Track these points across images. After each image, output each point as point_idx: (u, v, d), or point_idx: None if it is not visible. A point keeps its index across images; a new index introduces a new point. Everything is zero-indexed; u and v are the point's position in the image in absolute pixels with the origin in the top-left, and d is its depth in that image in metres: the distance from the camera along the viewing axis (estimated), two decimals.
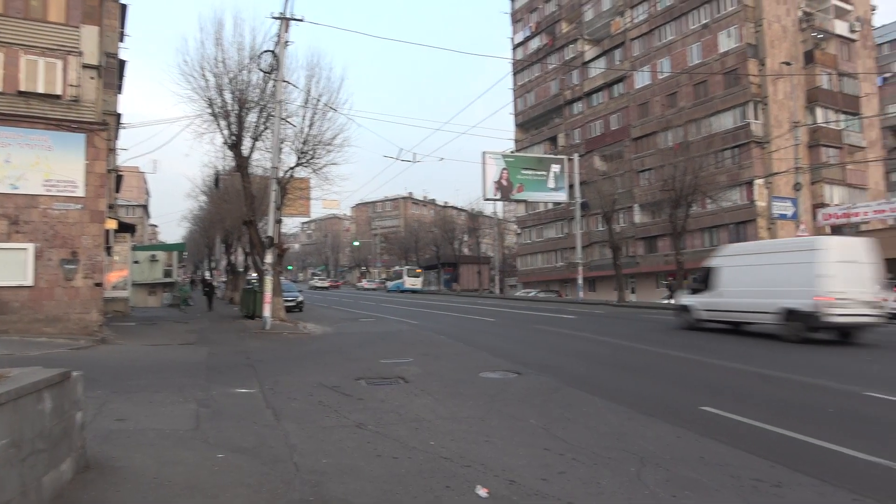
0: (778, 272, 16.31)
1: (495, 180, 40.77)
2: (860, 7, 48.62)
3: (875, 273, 15.74)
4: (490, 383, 9.65)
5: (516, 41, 66.10)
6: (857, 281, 15.23)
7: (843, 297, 14.93)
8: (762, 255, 17.57)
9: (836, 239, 18.72)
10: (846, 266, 15.28)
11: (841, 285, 15.02)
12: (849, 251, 15.76)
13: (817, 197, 43.13)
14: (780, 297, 15.90)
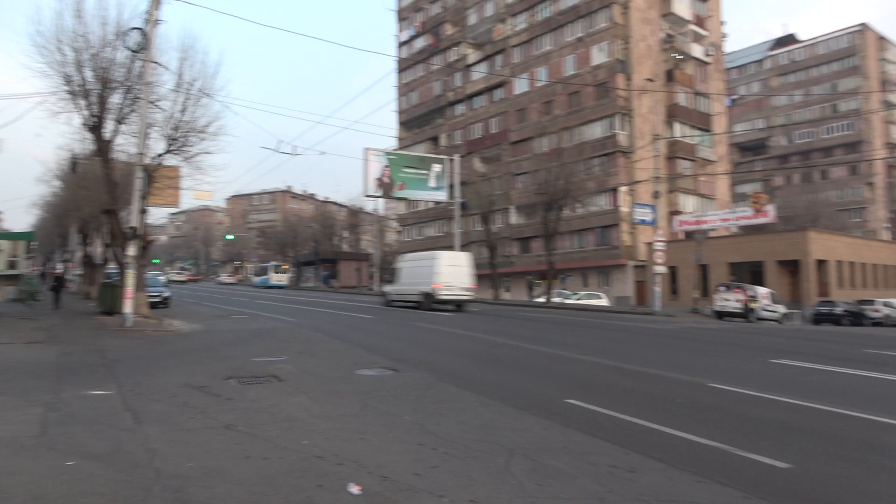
0: (421, 271, 27.39)
1: (377, 177, 40.61)
2: (713, 34, 53.38)
3: (469, 272, 27.45)
4: (366, 380, 9.62)
5: (402, 39, 66.30)
6: (457, 276, 26.68)
7: (448, 285, 26.43)
8: (415, 261, 29.04)
9: (446, 252, 29.21)
10: (451, 268, 26.71)
11: (447, 279, 26.36)
12: (453, 259, 27.55)
13: (673, 205, 46.86)
14: (421, 285, 26.96)
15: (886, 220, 72.13)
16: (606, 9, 46.27)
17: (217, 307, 28.42)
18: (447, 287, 26.24)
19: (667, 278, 37.97)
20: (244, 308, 27.45)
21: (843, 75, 76.57)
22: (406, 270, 28.72)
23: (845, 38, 77.15)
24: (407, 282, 28.14)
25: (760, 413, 8.03)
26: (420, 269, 27.47)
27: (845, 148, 75.01)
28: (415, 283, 27.32)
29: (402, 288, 28.53)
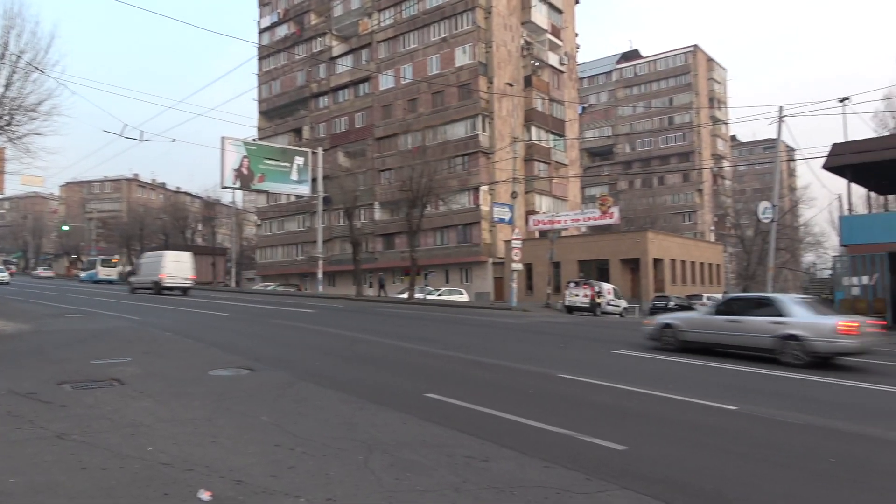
0: (153, 266, 33.82)
1: (235, 168, 38.81)
2: (568, 44, 56.63)
3: (190, 266, 34.21)
4: (220, 381, 9.19)
5: (263, 25, 63.78)
6: (179, 270, 33.42)
7: (171, 276, 32.93)
8: (150, 258, 35.70)
9: (171, 252, 36.03)
10: (174, 263, 33.46)
11: (170, 271, 32.98)
12: (177, 257, 34.33)
13: (530, 205, 49.20)
14: (153, 275, 33.25)
15: (712, 223, 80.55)
16: (470, 12, 47.52)
17: (49, 305, 25.75)
18: (171, 277, 33.22)
19: (523, 275, 39.82)
20: (81, 306, 25.09)
21: (678, 91, 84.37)
22: (144, 265, 35.62)
23: (680, 57, 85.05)
24: (145, 273, 34.73)
25: (603, 400, 8.68)
26: (153, 264, 34.26)
27: (679, 157, 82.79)
28: (149, 275, 33.94)
29: (142, 278, 34.90)
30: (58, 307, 24.35)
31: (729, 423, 7.53)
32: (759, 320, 13.07)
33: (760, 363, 12.52)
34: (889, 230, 24.90)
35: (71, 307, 24.23)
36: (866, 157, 25.51)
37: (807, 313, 12.76)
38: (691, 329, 14.17)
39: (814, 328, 12.34)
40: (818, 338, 12.19)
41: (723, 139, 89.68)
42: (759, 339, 12.94)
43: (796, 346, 12.35)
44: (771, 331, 12.71)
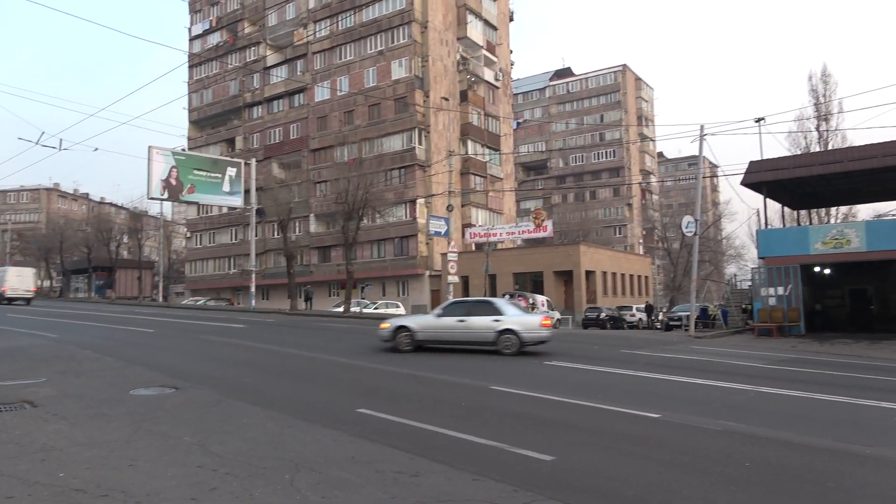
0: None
1: (163, 178, 37.49)
2: (502, 60, 57.71)
3: (31, 280, 41.10)
4: (141, 401, 8.83)
5: (194, 32, 62.15)
6: (21, 283, 39.52)
7: (14, 288, 38.61)
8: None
9: (13, 268, 42.54)
10: (16, 277, 39.55)
11: (12, 284, 38.75)
12: (19, 272, 40.70)
13: (466, 218, 49.62)
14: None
15: (641, 237, 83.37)
16: (406, 26, 47.78)
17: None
18: (13, 289, 38.54)
19: (459, 288, 39.99)
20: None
21: (608, 108, 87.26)
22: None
23: (610, 75, 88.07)
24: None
25: (532, 411, 8.82)
26: None
27: (610, 172, 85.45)
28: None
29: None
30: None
31: (652, 431, 7.77)
32: (481, 319, 15.27)
33: (680, 372, 13.02)
34: (801, 244, 26.42)
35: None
36: (780, 175, 27.06)
37: (517, 312, 15.72)
38: (423, 330, 15.67)
39: (524, 323, 15.13)
40: (527, 331, 14.98)
41: (651, 155, 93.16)
42: (483, 335, 15.18)
43: (512, 338, 14.87)
44: (492, 327, 15.04)
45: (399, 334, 15.67)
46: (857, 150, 27.69)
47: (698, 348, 19.72)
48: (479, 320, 15.26)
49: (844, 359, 17.73)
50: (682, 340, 22.86)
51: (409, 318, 17.75)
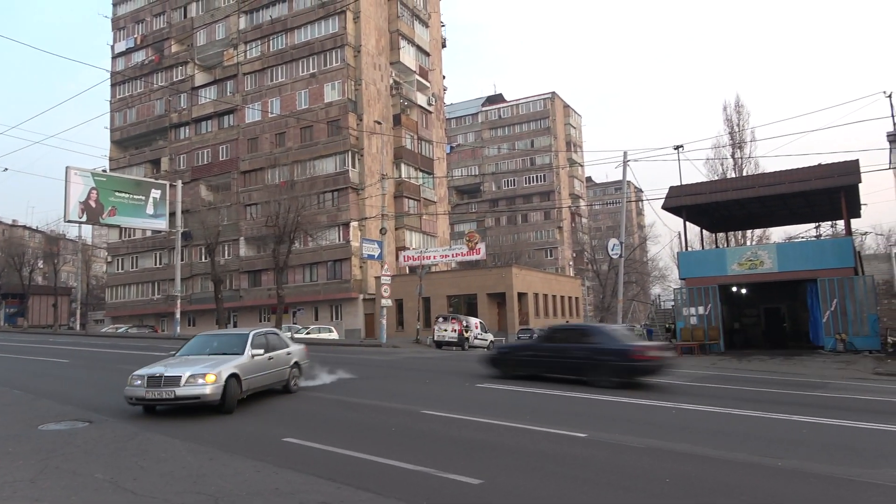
0: None
1: (81, 201, 35.80)
2: (435, 85, 58.44)
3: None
4: (50, 436, 8.31)
5: (117, 50, 60.05)
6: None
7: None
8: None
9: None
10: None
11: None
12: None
13: (400, 241, 49.58)
14: None
15: (571, 259, 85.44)
16: (339, 49, 47.77)
17: None
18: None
19: (393, 311, 39.85)
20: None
21: (538, 134, 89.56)
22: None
23: (540, 102, 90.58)
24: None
25: (463, 434, 8.82)
26: None
27: (541, 196, 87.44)
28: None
29: None
30: None
31: (579, 451, 7.91)
32: None
33: (606, 392, 13.32)
34: (719, 265, 27.71)
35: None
36: (698, 199, 28.38)
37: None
38: None
39: None
40: None
41: (579, 180, 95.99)
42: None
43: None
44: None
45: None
46: (769, 177, 29.41)
47: None
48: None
49: (760, 374, 18.61)
50: None
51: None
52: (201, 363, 10.32)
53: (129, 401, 9.81)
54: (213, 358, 10.79)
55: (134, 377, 9.86)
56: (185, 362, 10.54)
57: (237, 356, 10.85)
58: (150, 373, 9.83)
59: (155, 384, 9.60)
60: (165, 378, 9.64)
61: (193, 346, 11.91)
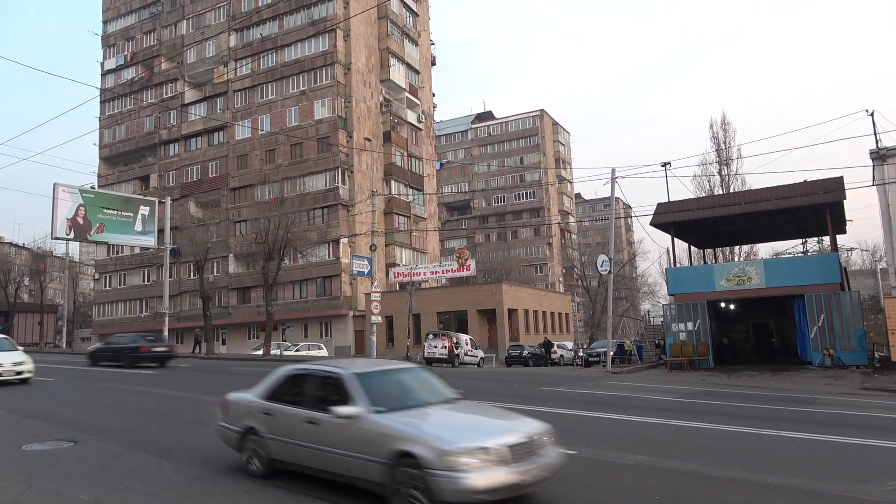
0: None
1: (69, 217, 35.60)
2: (425, 103, 58.80)
3: None
4: (34, 457, 8.20)
5: (107, 67, 60.05)
6: None
7: None
8: None
9: None
10: None
11: None
12: None
13: (390, 257, 49.56)
14: None
15: (561, 275, 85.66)
16: (329, 67, 48.02)
17: None
18: None
19: (383, 328, 39.71)
20: None
21: (528, 151, 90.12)
22: None
23: (529, 119, 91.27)
24: None
25: None
26: None
27: (530, 212, 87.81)
28: None
29: None
30: None
31: (569, 469, 7.84)
32: None
33: (591, 409, 13.31)
34: (707, 281, 27.86)
35: None
36: (686, 216, 28.59)
37: None
38: None
39: None
40: None
41: (569, 196, 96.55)
42: None
43: None
44: None
45: None
46: (755, 193, 29.69)
47: (615, 384, 20.27)
48: None
49: (749, 390, 18.66)
50: (599, 376, 23.45)
51: None
52: (494, 424, 6.45)
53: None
54: (488, 413, 7.09)
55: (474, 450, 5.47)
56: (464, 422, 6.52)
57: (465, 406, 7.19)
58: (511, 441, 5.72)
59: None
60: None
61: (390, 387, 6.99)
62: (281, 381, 7.43)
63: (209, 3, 54.52)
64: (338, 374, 6.78)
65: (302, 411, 6.72)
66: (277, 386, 7.39)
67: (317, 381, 7.04)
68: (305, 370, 7.37)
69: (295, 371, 7.48)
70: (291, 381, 7.34)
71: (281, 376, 7.49)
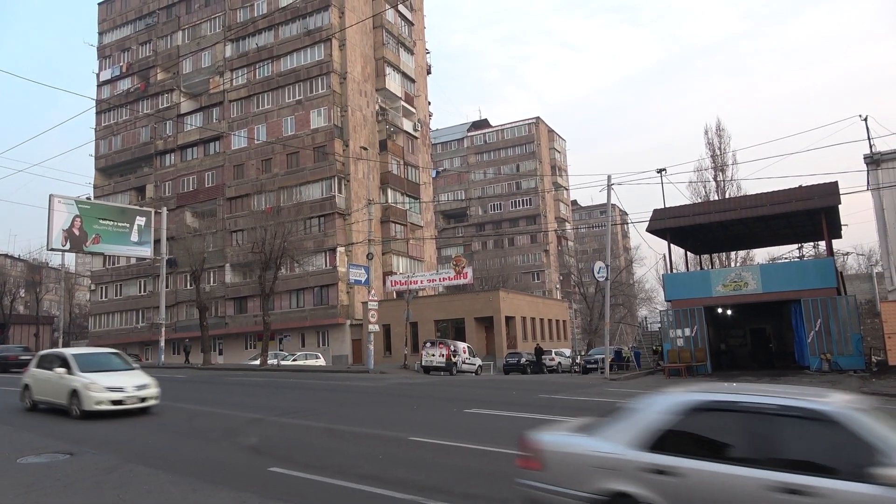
0: None
1: (65, 228, 35.57)
2: (421, 111, 58.95)
3: None
4: (30, 470, 8.14)
5: (102, 78, 60.11)
6: None
7: None
8: None
9: None
10: None
11: None
12: None
13: (387, 266, 49.52)
14: None
15: (558, 282, 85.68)
16: (325, 76, 48.13)
17: None
18: None
19: (380, 336, 39.64)
20: None
21: (524, 158, 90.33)
22: None
23: (524, 127, 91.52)
24: None
25: (454, 461, 8.73)
26: None
27: (527, 220, 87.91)
28: None
29: None
30: None
31: None
32: None
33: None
34: (704, 286, 27.90)
35: None
36: (682, 222, 28.67)
37: None
38: None
39: None
40: None
41: (565, 203, 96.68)
42: None
43: None
44: None
45: None
46: (750, 199, 29.79)
47: (613, 390, 20.23)
48: None
49: None
50: (598, 383, 23.42)
51: None
52: None
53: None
54: None
55: None
56: None
57: None
58: None
59: None
60: None
61: None
62: (681, 416, 4.79)
63: (205, 13, 54.68)
64: (830, 412, 4.31)
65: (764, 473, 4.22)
66: (675, 424, 4.77)
67: (781, 423, 4.43)
68: (742, 403, 4.63)
69: (714, 402, 4.81)
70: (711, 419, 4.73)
71: (681, 408, 4.83)
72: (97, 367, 13.75)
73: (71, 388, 12.91)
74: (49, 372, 13.76)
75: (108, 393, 12.80)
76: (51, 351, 16.47)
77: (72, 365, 13.38)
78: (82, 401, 12.66)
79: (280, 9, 50.25)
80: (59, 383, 13.26)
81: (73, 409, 12.84)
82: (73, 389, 12.84)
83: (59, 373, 13.29)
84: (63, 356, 14.03)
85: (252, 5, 52.34)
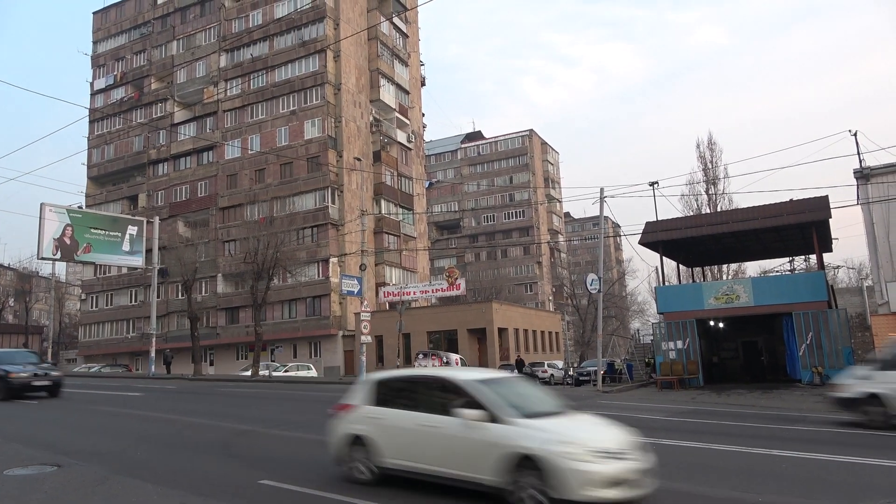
0: None
1: (56, 237, 35.34)
2: (415, 123, 59.12)
3: None
4: (16, 482, 8.03)
5: (96, 87, 60.01)
6: None
7: None
8: None
9: None
10: None
11: None
12: None
13: (380, 277, 49.44)
14: None
15: (551, 294, 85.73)
16: (319, 87, 48.25)
17: None
18: None
19: (373, 347, 39.46)
20: None
21: (517, 170, 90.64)
22: None
23: (518, 139, 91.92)
24: None
25: None
26: None
27: (520, 231, 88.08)
28: None
29: None
30: None
31: None
32: None
33: None
34: (696, 299, 28.00)
35: None
36: (674, 235, 28.81)
37: None
38: None
39: None
40: None
41: (558, 215, 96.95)
42: None
43: None
44: None
45: None
46: (742, 212, 30.00)
47: (605, 403, 20.22)
48: None
49: (739, 408, 18.68)
50: (590, 395, 23.39)
51: None
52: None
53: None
54: None
55: None
56: None
57: None
58: None
59: None
60: None
61: None
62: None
63: (200, 24, 54.78)
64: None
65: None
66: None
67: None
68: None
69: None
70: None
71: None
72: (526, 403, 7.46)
73: (514, 454, 6.60)
74: (427, 416, 7.46)
75: (602, 463, 6.43)
76: (410, 374, 9.97)
77: (489, 404, 7.03)
78: (553, 479, 6.29)
79: (275, 20, 50.40)
80: (470, 440, 6.92)
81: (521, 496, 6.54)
82: (522, 456, 6.54)
83: (466, 419, 6.94)
84: (457, 384, 7.56)
85: (247, 16, 52.49)
